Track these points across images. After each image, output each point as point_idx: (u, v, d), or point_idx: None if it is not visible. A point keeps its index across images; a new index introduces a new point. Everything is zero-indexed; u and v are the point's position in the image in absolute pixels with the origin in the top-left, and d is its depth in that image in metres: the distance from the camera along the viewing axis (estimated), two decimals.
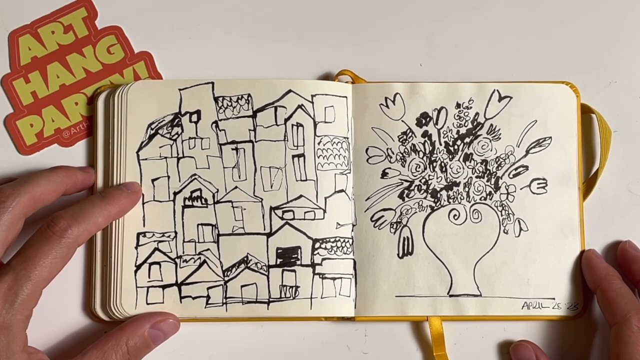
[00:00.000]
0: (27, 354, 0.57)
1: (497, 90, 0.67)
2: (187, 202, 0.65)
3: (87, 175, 0.65)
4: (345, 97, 0.67)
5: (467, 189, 0.66)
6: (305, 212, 0.65)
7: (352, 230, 0.66)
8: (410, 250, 0.66)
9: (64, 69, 0.68)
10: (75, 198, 0.65)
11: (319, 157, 0.66)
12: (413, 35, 0.70)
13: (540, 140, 0.67)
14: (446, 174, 0.67)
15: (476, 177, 0.67)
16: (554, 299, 0.65)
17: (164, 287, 0.65)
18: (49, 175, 0.62)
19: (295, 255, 0.65)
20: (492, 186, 0.66)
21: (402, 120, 0.67)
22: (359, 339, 0.66)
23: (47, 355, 0.60)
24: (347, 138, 0.67)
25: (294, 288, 0.65)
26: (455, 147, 0.67)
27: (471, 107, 0.67)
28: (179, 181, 0.66)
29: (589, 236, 0.67)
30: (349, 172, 0.66)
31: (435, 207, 0.66)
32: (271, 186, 0.65)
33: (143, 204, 0.65)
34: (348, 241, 0.66)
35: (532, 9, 0.70)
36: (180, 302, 0.65)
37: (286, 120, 0.66)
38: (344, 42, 0.69)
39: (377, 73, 0.68)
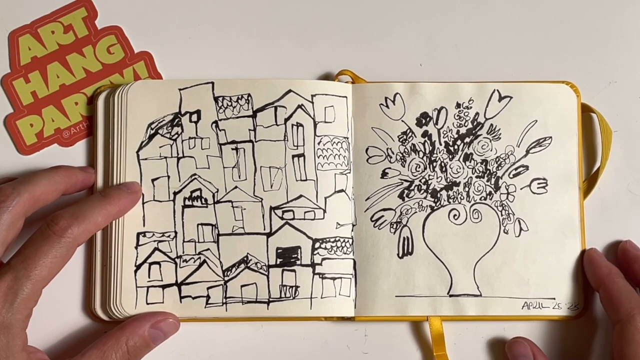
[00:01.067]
0: (26, 353, 0.57)
1: (497, 90, 0.67)
2: (187, 202, 0.65)
3: (87, 175, 0.65)
4: (345, 97, 0.67)
5: (467, 188, 0.66)
6: (305, 212, 0.65)
7: (352, 230, 0.66)
8: (410, 250, 0.66)
9: (64, 69, 0.68)
10: (75, 198, 0.65)
11: (319, 157, 0.66)
12: (413, 35, 0.70)
13: (541, 140, 0.67)
14: (446, 174, 0.66)
15: (476, 177, 0.66)
16: (554, 299, 0.65)
17: (163, 287, 0.65)
18: (49, 174, 0.62)
19: (295, 255, 0.65)
20: (492, 186, 0.66)
21: (402, 120, 0.67)
22: (359, 339, 0.66)
23: (47, 355, 0.60)
24: (347, 138, 0.67)
25: (293, 288, 0.65)
26: (455, 147, 0.67)
27: (471, 107, 0.67)
28: (179, 181, 0.66)
29: (589, 236, 0.66)
30: (349, 172, 0.66)
31: (435, 207, 0.66)
32: (271, 186, 0.65)
33: (143, 203, 0.65)
34: (348, 241, 0.66)
35: (532, 9, 0.70)
36: (180, 302, 0.65)
37: (286, 120, 0.66)
38: (344, 42, 0.69)
39: (377, 73, 0.68)
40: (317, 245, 0.65)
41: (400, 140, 0.67)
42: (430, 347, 0.65)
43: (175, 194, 0.66)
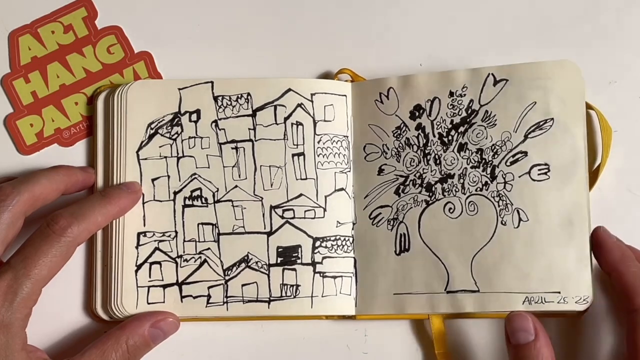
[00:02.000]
0: (26, 352, 0.57)
1: (492, 74, 0.64)
2: (187, 202, 0.65)
3: (87, 175, 0.65)
4: (345, 95, 0.67)
5: (461, 180, 0.65)
6: (305, 211, 0.65)
7: (353, 229, 0.66)
8: (406, 247, 0.65)
9: (64, 69, 0.68)
10: (75, 198, 0.65)
11: (318, 156, 0.66)
12: (413, 35, 0.70)
13: (541, 123, 0.63)
14: (440, 167, 0.65)
15: (471, 167, 0.64)
16: (559, 292, 0.62)
17: (164, 286, 0.65)
18: (49, 174, 0.62)
19: (296, 254, 0.65)
20: (488, 176, 0.64)
21: (396, 115, 0.66)
22: (359, 339, 0.66)
23: (47, 354, 0.60)
24: (347, 136, 0.66)
25: (294, 287, 0.64)
26: (450, 137, 0.65)
27: (465, 95, 0.65)
28: (179, 181, 0.66)
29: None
30: (349, 171, 0.66)
31: (430, 201, 0.65)
32: (271, 185, 0.65)
33: (143, 203, 0.65)
34: (348, 239, 0.66)
35: (532, 9, 0.70)
36: (181, 301, 0.65)
37: (286, 119, 0.66)
38: (344, 40, 0.69)
39: (377, 72, 0.68)
40: (317, 243, 0.65)
41: (395, 135, 0.66)
42: (431, 346, 0.65)
43: (175, 193, 0.66)
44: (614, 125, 0.67)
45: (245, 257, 0.65)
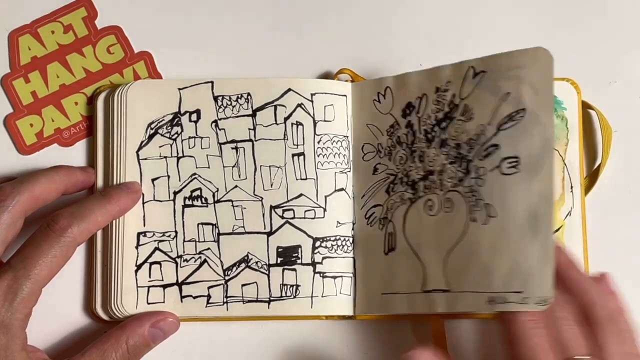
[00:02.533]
0: (26, 352, 0.57)
1: (472, 67, 0.61)
2: (187, 202, 0.65)
3: (87, 175, 0.65)
4: (345, 95, 0.67)
5: (440, 176, 0.62)
6: (305, 211, 0.65)
7: (353, 229, 0.66)
8: (393, 246, 0.64)
9: (64, 69, 0.68)
10: (75, 198, 0.64)
11: (318, 156, 0.66)
12: (413, 35, 0.70)
13: (513, 115, 0.58)
14: (424, 164, 0.63)
15: (449, 163, 0.61)
16: (521, 292, 0.56)
17: (164, 286, 0.65)
18: (49, 174, 0.62)
19: (296, 254, 0.65)
20: (463, 171, 0.61)
21: (390, 114, 0.65)
22: (359, 339, 0.66)
23: (47, 354, 0.60)
24: (347, 137, 0.66)
25: (294, 287, 0.64)
26: (433, 133, 0.63)
27: (448, 90, 0.62)
28: (179, 181, 0.65)
29: (588, 236, 0.66)
30: (349, 171, 0.66)
31: (414, 199, 0.63)
32: (271, 185, 0.65)
33: (143, 203, 0.65)
34: (348, 240, 0.66)
35: (533, 9, 0.70)
36: (181, 301, 0.64)
37: (286, 119, 0.66)
38: (344, 40, 0.69)
39: (377, 71, 0.68)
40: (317, 244, 0.65)
41: (388, 134, 0.65)
42: (431, 346, 0.65)
43: (175, 193, 0.65)
44: (614, 125, 0.67)
45: (245, 257, 0.65)
